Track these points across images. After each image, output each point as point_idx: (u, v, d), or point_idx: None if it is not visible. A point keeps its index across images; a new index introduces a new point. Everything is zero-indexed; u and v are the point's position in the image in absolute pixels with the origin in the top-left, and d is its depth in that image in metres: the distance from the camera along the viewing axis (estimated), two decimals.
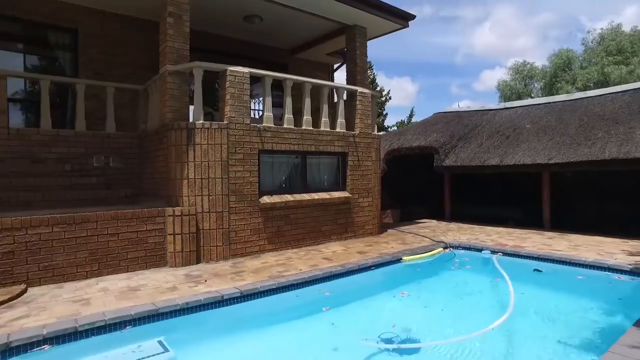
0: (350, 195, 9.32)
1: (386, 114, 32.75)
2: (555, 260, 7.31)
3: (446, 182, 13.15)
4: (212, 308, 5.24)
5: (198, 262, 7.18)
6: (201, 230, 7.22)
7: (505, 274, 6.57)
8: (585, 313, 5.24)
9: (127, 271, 6.48)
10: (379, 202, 10.12)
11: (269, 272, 6.53)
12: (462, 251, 8.55)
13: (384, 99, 32.62)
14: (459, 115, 14.66)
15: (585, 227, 10.33)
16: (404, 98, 65.12)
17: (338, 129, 9.26)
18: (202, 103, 7.49)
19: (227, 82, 7.54)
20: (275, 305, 5.69)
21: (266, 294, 5.76)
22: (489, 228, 10.96)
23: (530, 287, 6.47)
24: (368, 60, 12.06)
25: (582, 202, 12.48)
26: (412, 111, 33.10)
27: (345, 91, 9.92)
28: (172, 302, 4.93)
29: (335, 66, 14.49)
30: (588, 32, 39.17)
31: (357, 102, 9.68)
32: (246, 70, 7.73)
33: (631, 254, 7.40)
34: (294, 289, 6.06)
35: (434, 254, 8.15)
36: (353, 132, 9.52)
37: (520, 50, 59.96)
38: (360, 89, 9.79)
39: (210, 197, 7.28)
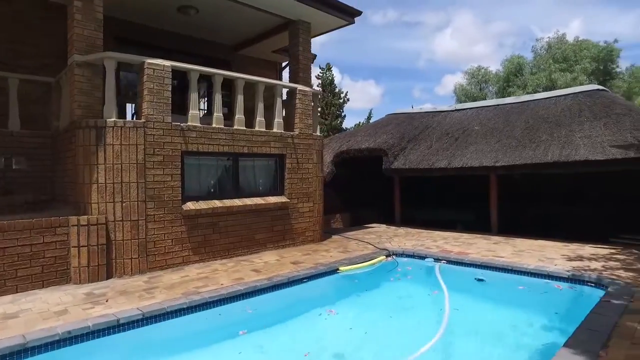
0: (289, 200, 8.71)
1: (344, 115, 32.46)
2: (498, 267, 6.98)
3: (396, 186, 12.78)
4: (104, 335, 4.49)
5: (109, 277, 6.36)
6: (113, 242, 6.41)
7: (444, 286, 6.15)
8: (521, 330, 4.85)
9: (16, 292, 5.58)
10: (321, 207, 9.56)
11: (185, 288, 5.82)
12: (406, 259, 8.12)
13: (342, 100, 32.31)
14: (410, 116, 14.37)
15: (531, 231, 10.19)
16: (369, 101, 65.57)
17: (275, 129, 8.64)
18: (115, 98, 6.69)
19: (145, 76, 6.76)
20: (186, 328, 5.00)
21: (175, 315, 5.06)
22: (437, 233, 10.64)
23: (469, 300, 6.07)
24: (327, 61, 11.58)
25: (529, 205, 12.45)
26: (370, 113, 32.91)
27: (285, 89, 9.32)
28: (49, 332, 4.14)
29: (284, 64, 13.87)
30: (537, 40, 40.57)
31: (297, 101, 9.10)
32: (167, 63, 6.98)
33: (570, 258, 7.18)
34: (211, 307, 5.39)
35: (374, 263, 7.66)
36: (292, 133, 8.93)
37: (479, 56, 61.65)
38: (300, 87, 9.21)
39: (124, 204, 6.48)
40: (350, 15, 10.13)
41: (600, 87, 10.92)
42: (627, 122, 8.85)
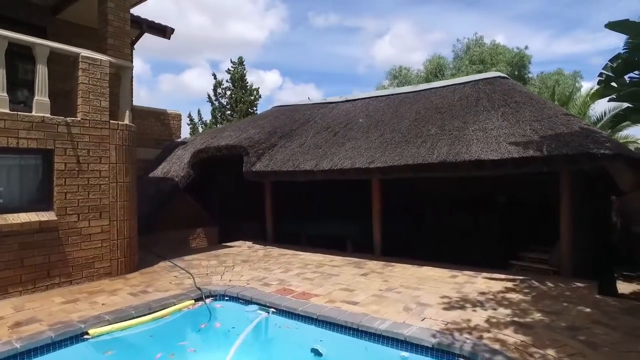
0: (57, 218, 5.78)
1: (256, 113, 29.65)
2: (341, 326, 4.52)
3: (267, 193, 10.24)
4: None
5: None
6: None
7: None
8: None
9: None
10: (128, 225, 6.71)
11: None
12: (223, 304, 5.52)
13: (253, 97, 29.48)
14: (294, 108, 11.92)
15: (420, 252, 8.06)
16: None
17: (35, 112, 5.70)
18: None
19: None
20: None
21: None
22: (303, 256, 8.19)
23: None
24: (240, 55, 8.78)
25: (429, 216, 10.45)
26: None
27: (68, 55, 6.39)
28: None
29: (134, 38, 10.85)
30: (457, 40, 40.33)
31: (81, 73, 6.20)
32: None
33: (449, 304, 4.92)
34: None
35: (166, 314, 4.98)
36: (67, 119, 6.00)
37: (416, 63, 61.65)
38: (85, 53, 6.32)
39: None
40: None
41: (502, 75, 9.05)
42: (526, 112, 6.90)
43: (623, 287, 8.12)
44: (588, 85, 30.12)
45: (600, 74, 4.63)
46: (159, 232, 10.02)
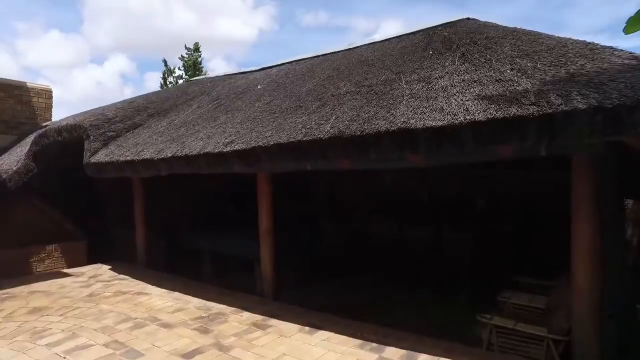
0: None
1: None
2: None
3: (136, 191, 7.04)
4: None
5: None
6: None
7: None
8: None
9: None
10: None
11: None
12: None
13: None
14: (198, 82, 8.84)
15: (340, 293, 4.97)
16: None
17: None
18: None
19: None
20: None
21: None
22: (146, 298, 5.02)
23: None
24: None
25: (368, 234, 7.36)
26: None
27: None
28: None
29: None
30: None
31: None
32: None
33: None
34: None
35: None
36: None
37: None
38: None
39: None
40: None
41: (472, 17, 5.96)
42: (505, 46, 3.76)
43: None
44: None
45: None
46: None
